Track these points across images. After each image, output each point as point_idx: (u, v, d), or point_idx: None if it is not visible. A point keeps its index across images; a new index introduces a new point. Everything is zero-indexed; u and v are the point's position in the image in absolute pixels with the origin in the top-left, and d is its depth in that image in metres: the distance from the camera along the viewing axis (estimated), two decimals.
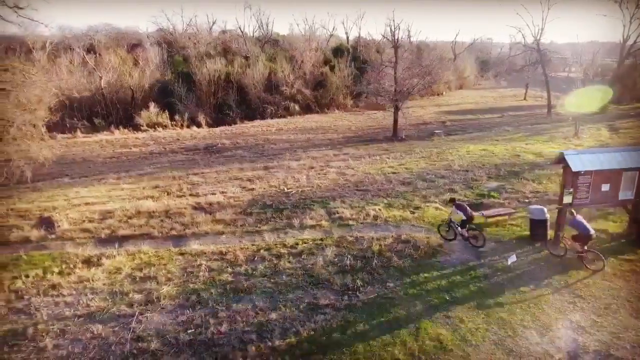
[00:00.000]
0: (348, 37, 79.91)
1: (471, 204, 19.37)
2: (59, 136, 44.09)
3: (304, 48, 63.50)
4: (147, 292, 13.75)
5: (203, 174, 29.96)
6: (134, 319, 12.26)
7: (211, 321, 12.04)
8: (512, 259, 14.24)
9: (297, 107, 55.60)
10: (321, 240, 17.33)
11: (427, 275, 14.15)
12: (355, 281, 13.74)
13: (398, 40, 41.54)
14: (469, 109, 59.25)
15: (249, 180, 27.42)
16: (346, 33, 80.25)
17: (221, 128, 49.10)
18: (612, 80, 50.50)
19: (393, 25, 40.75)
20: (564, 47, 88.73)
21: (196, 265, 15.47)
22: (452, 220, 16.57)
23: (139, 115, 47.88)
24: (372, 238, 17.03)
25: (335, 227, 18.76)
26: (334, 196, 22.99)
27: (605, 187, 15.46)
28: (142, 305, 12.95)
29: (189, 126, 49.39)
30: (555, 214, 16.17)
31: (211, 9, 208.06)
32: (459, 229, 16.25)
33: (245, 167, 31.62)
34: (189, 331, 11.66)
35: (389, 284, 13.70)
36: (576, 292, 12.97)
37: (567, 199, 15.25)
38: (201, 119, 50.19)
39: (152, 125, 47.81)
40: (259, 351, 10.71)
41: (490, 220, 18.26)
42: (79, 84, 49.26)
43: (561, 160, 15.33)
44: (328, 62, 62.50)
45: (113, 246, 17.85)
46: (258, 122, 52.14)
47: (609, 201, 15.84)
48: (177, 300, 13.25)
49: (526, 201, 20.98)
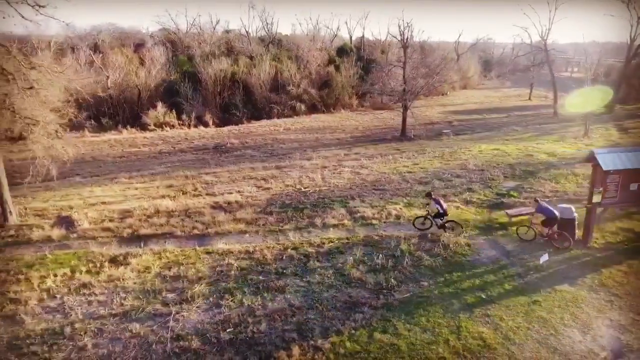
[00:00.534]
0: (351, 37, 79.87)
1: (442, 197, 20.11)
2: (67, 135, 43.89)
3: (309, 47, 63.40)
4: (179, 291, 13.71)
5: (215, 173, 29.86)
6: (170, 317, 12.21)
7: (249, 320, 11.99)
8: (544, 258, 14.25)
9: (303, 107, 55.49)
10: (347, 239, 17.31)
11: (459, 274, 14.15)
12: (388, 280, 13.72)
13: (407, 40, 41.48)
14: (474, 109, 59.26)
15: (264, 179, 27.36)
16: (349, 33, 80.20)
17: (228, 128, 48.95)
18: (618, 80, 50.55)
19: (403, 25, 40.71)
20: (565, 47, 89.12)
21: (225, 264, 15.42)
22: (429, 213, 17.60)
23: (146, 115, 47.71)
24: (398, 237, 17.00)
25: (359, 227, 18.74)
26: (353, 195, 22.96)
27: (634, 186, 15.47)
28: (177, 304, 12.89)
29: (196, 126, 49.23)
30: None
31: (213, 9, 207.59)
32: (437, 220, 17.33)
33: (256, 166, 31.53)
34: (227, 330, 11.61)
35: (422, 282, 13.70)
36: (611, 290, 12.99)
37: (597, 198, 15.25)
38: (208, 118, 50.06)
39: (160, 125, 47.63)
40: (302, 350, 10.66)
41: (514, 219, 18.24)
42: (87, 83, 49.00)
43: (591, 158, 15.31)
44: (332, 61, 62.46)
45: (136, 245, 17.82)
46: (265, 122, 52.02)
47: (637, 200, 15.85)
48: (211, 299, 13.20)
49: (546, 200, 20.95)
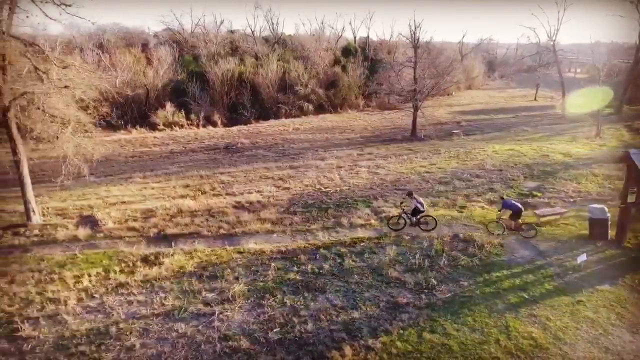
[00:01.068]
0: (355, 37, 79.79)
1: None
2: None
3: (315, 47, 63.35)
4: (218, 290, 13.66)
5: (230, 173, 29.79)
6: (215, 317, 12.16)
7: (295, 320, 11.96)
8: (582, 258, 14.26)
9: (311, 107, 55.46)
10: (377, 239, 17.29)
11: (498, 274, 14.16)
12: (428, 280, 13.71)
13: (418, 40, 41.50)
14: (481, 109, 59.33)
15: (281, 179, 27.31)
16: (353, 33, 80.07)
17: (237, 127, 48.90)
18: (626, 80, 50.69)
19: (414, 25, 40.72)
20: (567, 47, 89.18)
21: (260, 264, 15.38)
22: (405, 211, 18.27)
23: (155, 115, 47.57)
24: (430, 237, 16.99)
25: (386, 226, 18.71)
26: (375, 195, 22.96)
27: None
28: (219, 304, 12.84)
29: (204, 125, 49.15)
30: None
31: (216, 9, 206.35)
32: (412, 218, 18.01)
33: (270, 166, 31.48)
34: (274, 330, 11.57)
35: (462, 282, 13.69)
36: None
37: (631, 198, 15.28)
38: (216, 118, 49.97)
39: (169, 125, 47.52)
40: (354, 350, 10.64)
41: (543, 219, 18.27)
42: (95, 82, 48.85)
43: (626, 158, 15.33)
44: (338, 62, 62.42)
45: (164, 245, 17.77)
46: (273, 122, 51.95)
47: None
48: (251, 299, 13.15)
49: (571, 200, 21.05)
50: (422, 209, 17.97)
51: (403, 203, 19.07)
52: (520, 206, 17.16)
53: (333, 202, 22.08)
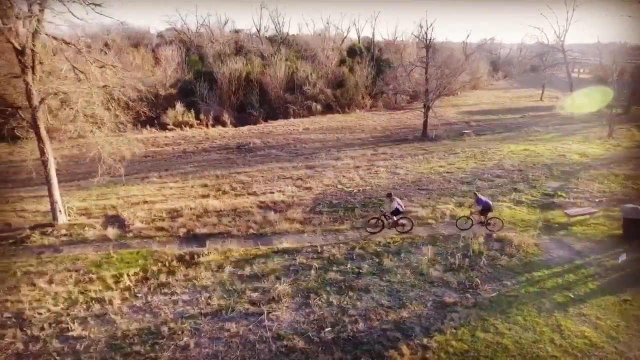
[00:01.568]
0: (359, 37, 79.88)
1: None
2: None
3: (322, 47, 63.37)
4: (261, 290, 13.66)
5: (246, 173, 29.74)
6: (264, 317, 12.16)
7: (345, 319, 11.98)
8: (622, 257, 14.35)
9: (319, 107, 55.48)
10: (411, 238, 17.32)
11: (539, 273, 14.23)
12: (471, 280, 13.76)
13: (430, 40, 41.61)
14: (488, 109, 59.48)
15: (300, 179, 27.30)
16: (357, 33, 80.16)
17: (247, 127, 48.85)
18: (634, 81, 50.97)
19: (426, 25, 40.83)
20: (571, 47, 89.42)
21: (298, 263, 15.39)
22: (384, 212, 18.42)
23: (165, 114, 47.47)
24: (465, 237, 17.03)
25: (416, 226, 18.73)
26: (399, 195, 22.90)
27: None
28: (266, 303, 12.85)
29: (213, 125, 49.07)
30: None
31: (220, 9, 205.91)
32: (393, 218, 18.02)
33: (285, 166, 31.46)
34: (326, 329, 11.59)
35: (505, 282, 13.74)
36: None
37: None
38: (225, 118, 49.90)
39: (178, 124, 47.43)
40: (411, 349, 10.67)
41: (573, 219, 18.35)
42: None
43: None
44: (344, 62, 62.46)
45: (194, 244, 17.76)
46: (282, 122, 51.93)
47: None
48: (296, 299, 13.17)
49: (596, 200, 21.14)
50: (402, 209, 18.13)
51: (382, 205, 19.51)
52: (491, 203, 18.14)
53: (358, 202, 22.11)
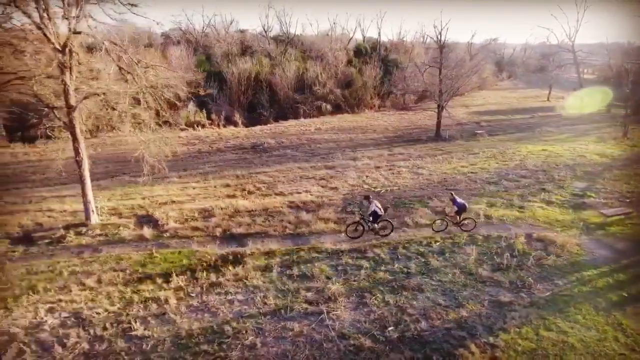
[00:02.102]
0: (364, 38, 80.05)
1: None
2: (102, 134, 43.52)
3: (330, 47, 63.45)
4: (315, 290, 13.71)
5: (266, 173, 29.75)
6: (324, 316, 12.22)
7: (406, 318, 12.06)
8: None
9: (328, 107, 55.56)
10: (451, 238, 17.42)
11: (588, 273, 14.37)
12: (523, 279, 13.87)
13: (444, 41, 41.76)
14: (496, 110, 59.75)
15: (323, 179, 27.35)
16: (362, 33, 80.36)
17: (259, 127, 48.83)
18: None
19: (440, 26, 40.94)
20: (575, 47, 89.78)
21: (344, 263, 15.45)
22: (363, 216, 18.25)
23: (177, 114, 47.38)
24: (507, 237, 17.13)
25: (452, 226, 18.83)
26: (428, 195, 23.10)
27: None
28: (324, 302, 12.90)
29: (225, 125, 49.03)
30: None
31: (225, 9, 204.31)
32: (370, 223, 17.75)
33: (303, 166, 31.48)
34: (389, 329, 11.66)
35: (557, 282, 13.86)
36: None
37: None
38: (237, 118, 49.88)
39: (191, 124, 47.37)
40: (480, 348, 10.76)
41: (609, 219, 18.51)
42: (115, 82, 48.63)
43: None
44: (350, 61, 62.59)
45: (233, 244, 17.79)
46: (293, 122, 51.92)
47: None
48: (352, 298, 13.23)
49: (627, 201, 21.32)
50: (381, 212, 17.71)
51: (361, 208, 19.47)
52: (466, 204, 18.28)
53: (389, 202, 22.17)
